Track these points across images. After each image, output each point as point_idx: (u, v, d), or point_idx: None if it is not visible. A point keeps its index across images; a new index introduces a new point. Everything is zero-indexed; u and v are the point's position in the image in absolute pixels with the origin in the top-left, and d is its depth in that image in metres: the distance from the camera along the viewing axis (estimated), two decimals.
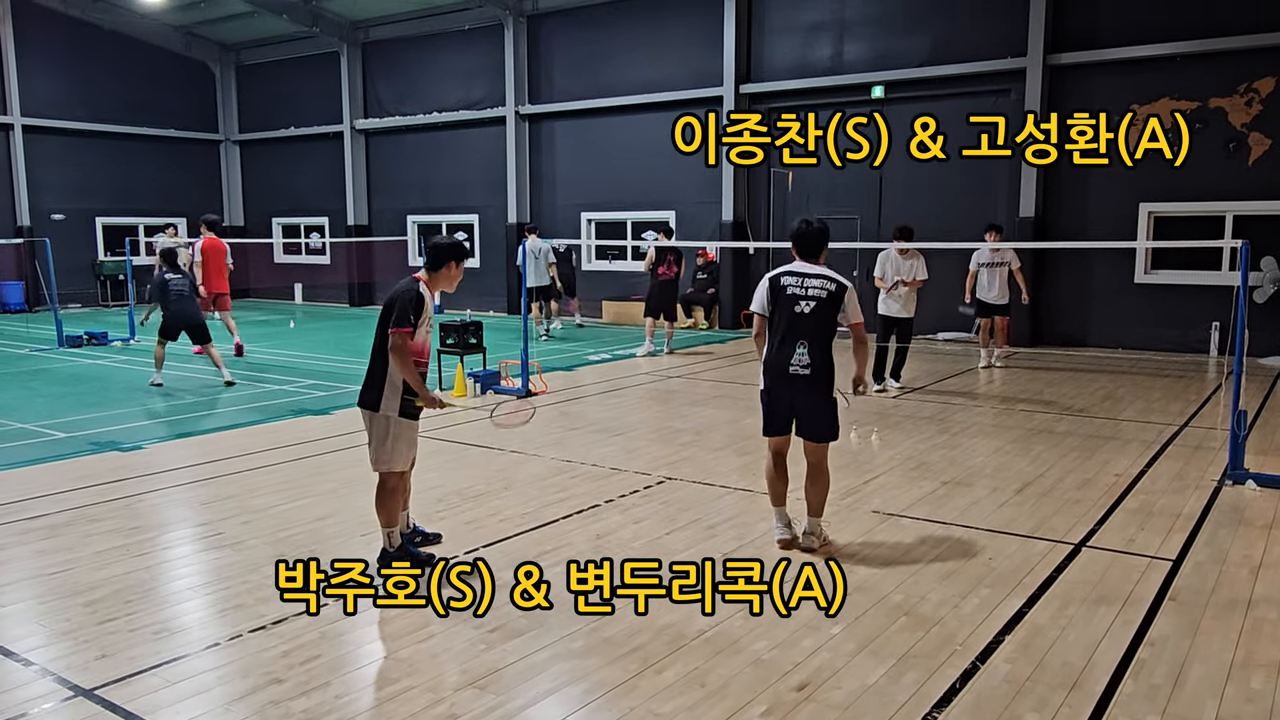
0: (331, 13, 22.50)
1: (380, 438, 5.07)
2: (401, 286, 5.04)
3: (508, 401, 5.77)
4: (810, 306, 5.36)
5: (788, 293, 5.43)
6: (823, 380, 5.38)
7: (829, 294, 5.37)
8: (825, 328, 5.38)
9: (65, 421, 9.27)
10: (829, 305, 5.36)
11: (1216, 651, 4.17)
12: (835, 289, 5.39)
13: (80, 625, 4.47)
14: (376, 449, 5.10)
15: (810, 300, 5.37)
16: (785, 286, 5.46)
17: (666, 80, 18.62)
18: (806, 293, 5.39)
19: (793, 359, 5.36)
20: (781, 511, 5.65)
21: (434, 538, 5.64)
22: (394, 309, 4.94)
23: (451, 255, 5.12)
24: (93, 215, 23.51)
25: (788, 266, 5.56)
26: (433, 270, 5.12)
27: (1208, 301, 13.82)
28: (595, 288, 20.03)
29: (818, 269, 5.49)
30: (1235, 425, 6.88)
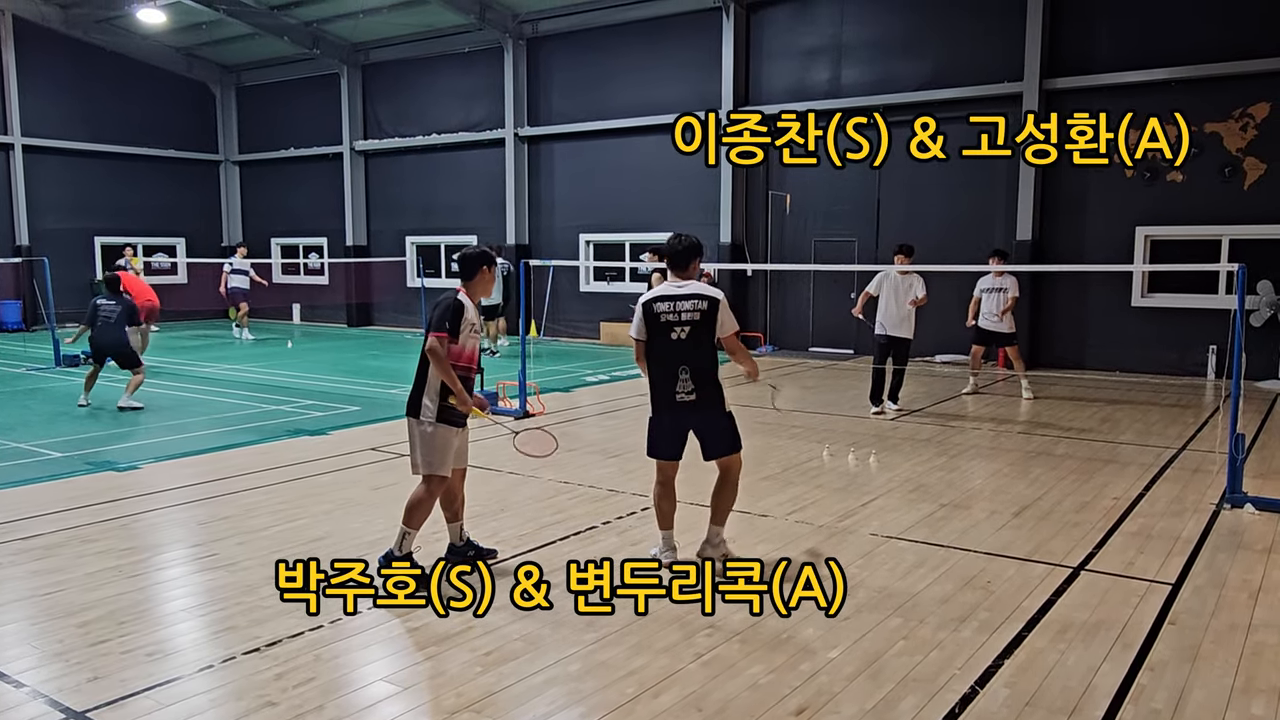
0: (332, 35, 22.66)
1: (420, 443, 5.22)
2: (442, 297, 5.29)
3: (533, 431, 5.72)
4: (685, 332, 5.29)
5: (661, 320, 5.33)
6: (713, 401, 5.36)
7: (702, 314, 5.30)
8: (704, 350, 5.32)
9: (61, 441, 9.24)
10: (704, 326, 5.29)
11: (1217, 677, 4.15)
12: (707, 307, 5.31)
13: (73, 647, 4.43)
14: (416, 454, 5.25)
15: (685, 325, 5.30)
16: (659, 314, 5.35)
17: (665, 103, 18.72)
18: (680, 318, 5.31)
19: (677, 387, 5.33)
20: (669, 535, 5.62)
21: (489, 553, 5.72)
22: (432, 315, 5.21)
23: (482, 262, 5.38)
24: (91, 235, 23.54)
25: (659, 290, 5.45)
26: (468, 280, 5.36)
27: (1205, 325, 13.85)
28: (593, 309, 20.06)
29: (690, 288, 5.38)
30: (1233, 448, 6.88)
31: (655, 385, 5.44)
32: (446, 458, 5.25)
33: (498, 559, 5.70)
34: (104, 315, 11.28)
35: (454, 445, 5.30)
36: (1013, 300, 12.01)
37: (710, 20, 17.89)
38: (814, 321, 17.75)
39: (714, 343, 5.36)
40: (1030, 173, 15.02)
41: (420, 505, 5.24)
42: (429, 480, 5.25)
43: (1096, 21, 14.66)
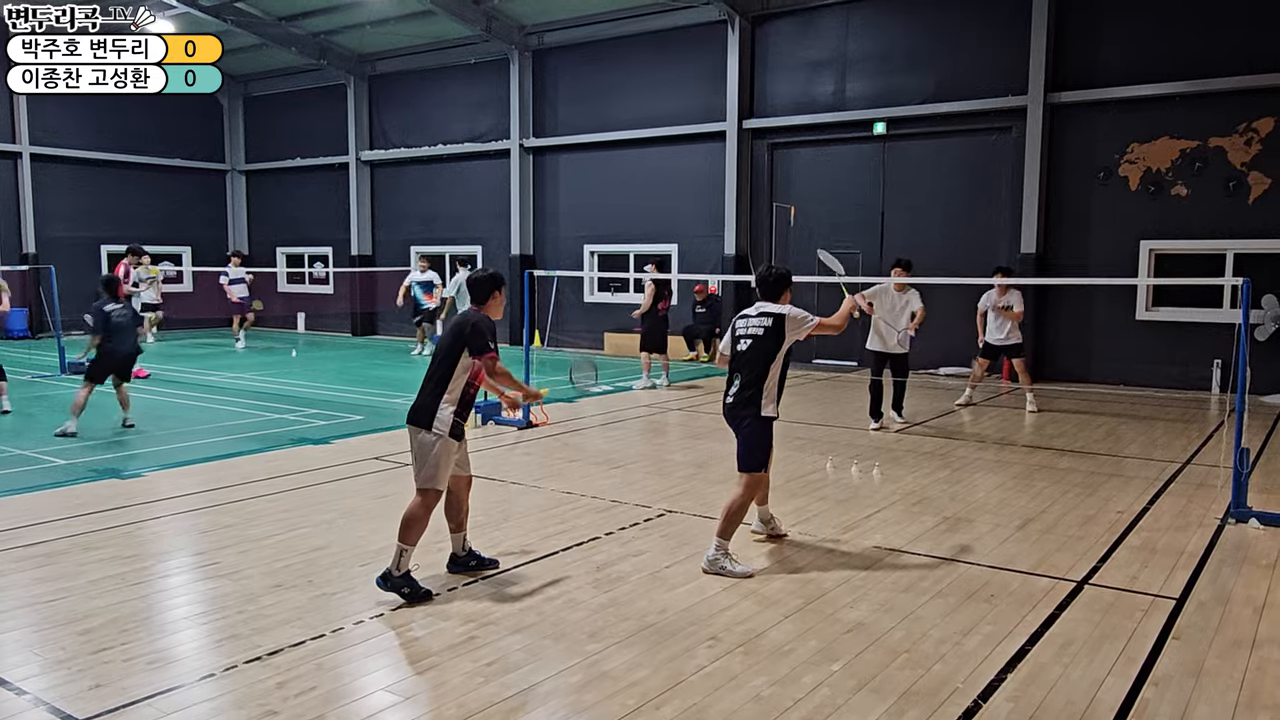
0: (339, 46, 22.78)
1: (427, 455, 5.22)
2: (470, 318, 5.32)
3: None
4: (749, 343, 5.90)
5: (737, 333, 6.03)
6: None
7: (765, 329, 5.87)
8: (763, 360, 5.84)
9: (65, 448, 9.25)
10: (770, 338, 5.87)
11: (1221, 692, 4.13)
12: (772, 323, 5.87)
13: (75, 654, 4.43)
14: (422, 466, 5.24)
15: (750, 337, 5.91)
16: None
17: (670, 115, 18.80)
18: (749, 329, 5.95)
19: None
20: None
21: (490, 564, 5.70)
22: (468, 336, 5.24)
23: (494, 285, 5.49)
24: (98, 243, 23.62)
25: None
26: (481, 304, 5.44)
27: (1209, 339, 13.84)
28: (597, 320, 20.08)
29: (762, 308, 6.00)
30: (1238, 463, 6.86)
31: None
32: (448, 471, 5.28)
33: (500, 570, 5.69)
34: (118, 320, 10.46)
35: (454, 458, 5.33)
36: (1019, 314, 12.00)
37: (715, 33, 17.96)
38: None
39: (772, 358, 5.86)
40: (1035, 186, 15.04)
41: (417, 520, 5.20)
42: (426, 494, 5.24)
43: (1101, 36, 14.70)
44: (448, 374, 5.26)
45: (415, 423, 5.27)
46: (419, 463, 5.25)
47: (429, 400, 5.25)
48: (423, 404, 5.26)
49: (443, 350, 5.34)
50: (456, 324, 5.36)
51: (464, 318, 5.37)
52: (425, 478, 5.23)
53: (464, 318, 5.37)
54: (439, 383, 5.27)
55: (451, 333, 5.35)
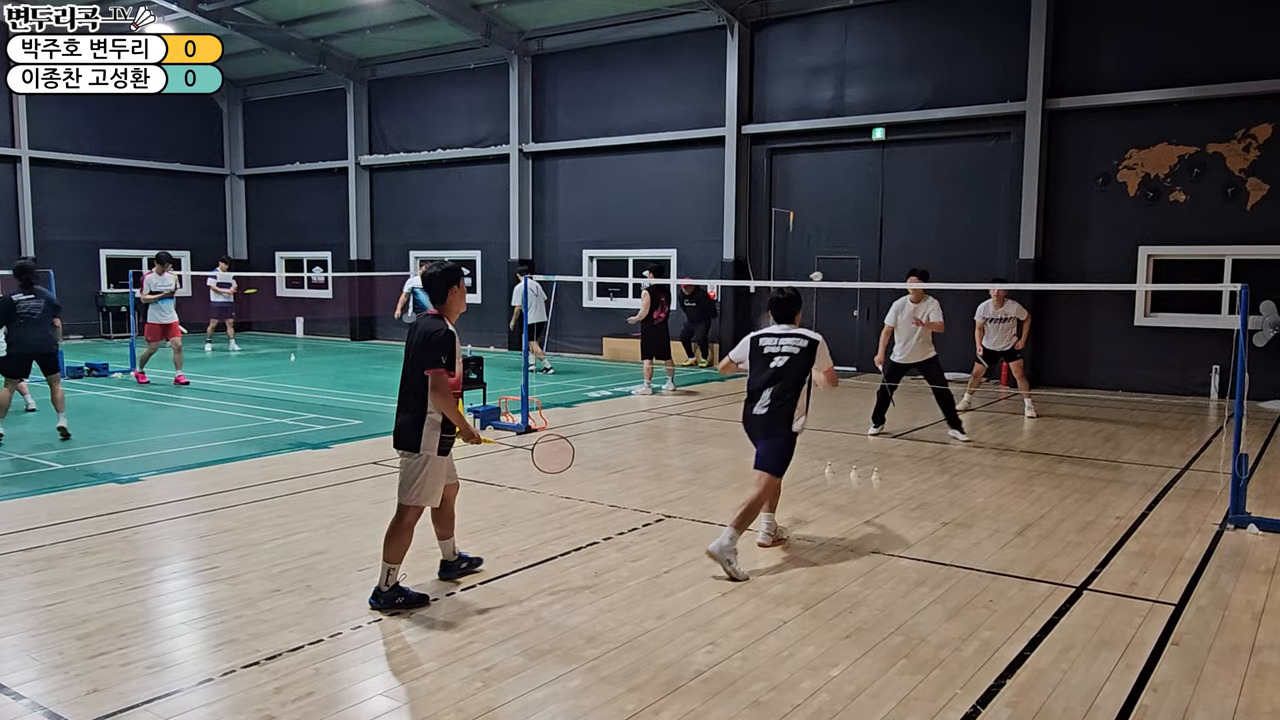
0: (339, 50, 22.80)
1: (415, 474, 5.13)
2: (428, 327, 5.07)
3: (547, 443, 5.76)
4: (784, 361, 6.20)
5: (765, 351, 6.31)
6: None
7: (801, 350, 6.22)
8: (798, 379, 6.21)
9: (63, 452, 9.24)
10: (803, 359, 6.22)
11: (1220, 698, 4.13)
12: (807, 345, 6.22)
13: (73, 659, 4.43)
14: (410, 485, 5.14)
15: (785, 355, 6.22)
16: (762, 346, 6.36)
17: (669, 120, 18.82)
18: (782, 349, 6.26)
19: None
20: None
21: (476, 562, 5.70)
22: (422, 351, 5.02)
23: (449, 281, 5.17)
24: (97, 248, 23.63)
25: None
26: (440, 303, 5.19)
27: (1208, 345, 13.85)
28: (596, 325, 20.09)
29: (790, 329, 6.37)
30: (1236, 469, 6.86)
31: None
32: (439, 487, 5.23)
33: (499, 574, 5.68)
34: (23, 311, 9.68)
35: (447, 471, 5.31)
36: (1027, 321, 12.06)
37: (714, 38, 17.99)
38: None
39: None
40: (1033, 191, 15.06)
41: (400, 538, 5.10)
42: (408, 511, 5.14)
43: (1099, 42, 14.73)
44: (419, 392, 5.08)
45: (400, 446, 5.18)
46: (407, 480, 5.15)
47: (410, 422, 5.11)
48: (405, 426, 5.13)
49: (409, 365, 5.15)
50: (418, 334, 5.12)
51: (424, 326, 5.12)
52: (414, 495, 5.14)
53: (424, 326, 5.12)
54: (414, 403, 5.10)
55: (414, 345, 5.10)
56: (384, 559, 5.08)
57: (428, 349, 5.01)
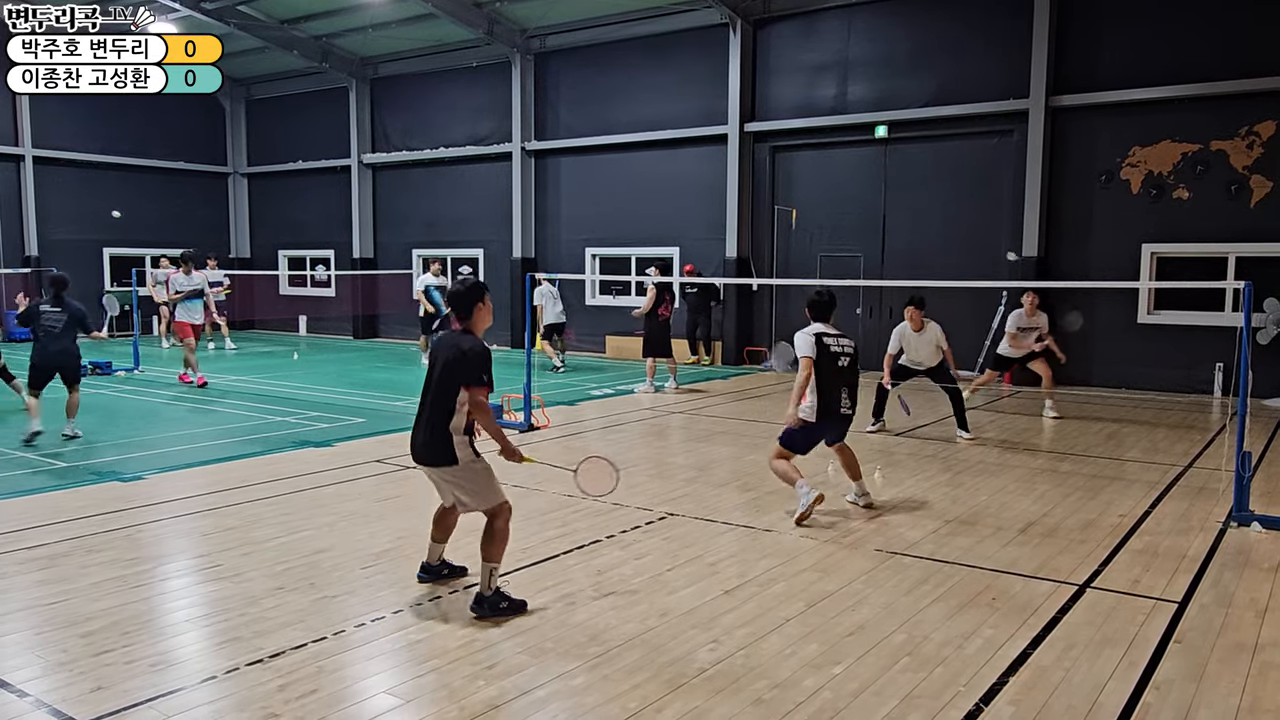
0: (341, 49, 22.81)
1: (476, 481, 5.00)
2: (463, 344, 4.92)
3: (591, 462, 5.50)
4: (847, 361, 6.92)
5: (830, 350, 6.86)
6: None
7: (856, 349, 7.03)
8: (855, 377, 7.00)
9: (67, 451, 9.26)
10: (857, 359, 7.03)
11: (1223, 696, 4.13)
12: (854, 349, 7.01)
13: (77, 657, 4.44)
14: (480, 491, 5.01)
15: (846, 355, 6.93)
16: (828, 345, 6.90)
17: (671, 118, 18.81)
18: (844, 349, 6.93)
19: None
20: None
21: (460, 571, 5.61)
22: (462, 367, 4.86)
23: (476, 297, 5.07)
24: (100, 246, 23.66)
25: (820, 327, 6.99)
26: (467, 319, 5.07)
27: (1211, 342, 13.83)
28: (599, 323, 20.09)
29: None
30: (1240, 467, 6.85)
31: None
32: (498, 482, 5.09)
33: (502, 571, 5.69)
34: (49, 324, 9.89)
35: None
36: (1051, 339, 11.83)
37: (717, 36, 17.97)
38: None
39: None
40: (1036, 189, 15.04)
41: (500, 536, 4.95)
42: (499, 510, 5.00)
43: (1102, 39, 14.70)
44: (450, 407, 4.90)
45: (435, 464, 4.97)
46: (473, 489, 5.00)
47: (440, 438, 4.91)
48: (435, 443, 4.93)
49: (437, 380, 4.96)
50: (449, 349, 4.95)
51: (456, 342, 4.96)
52: (486, 499, 5.00)
53: (456, 342, 4.96)
54: (443, 418, 4.91)
55: (445, 360, 4.94)
56: (484, 559, 4.92)
57: (469, 365, 4.85)
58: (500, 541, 4.96)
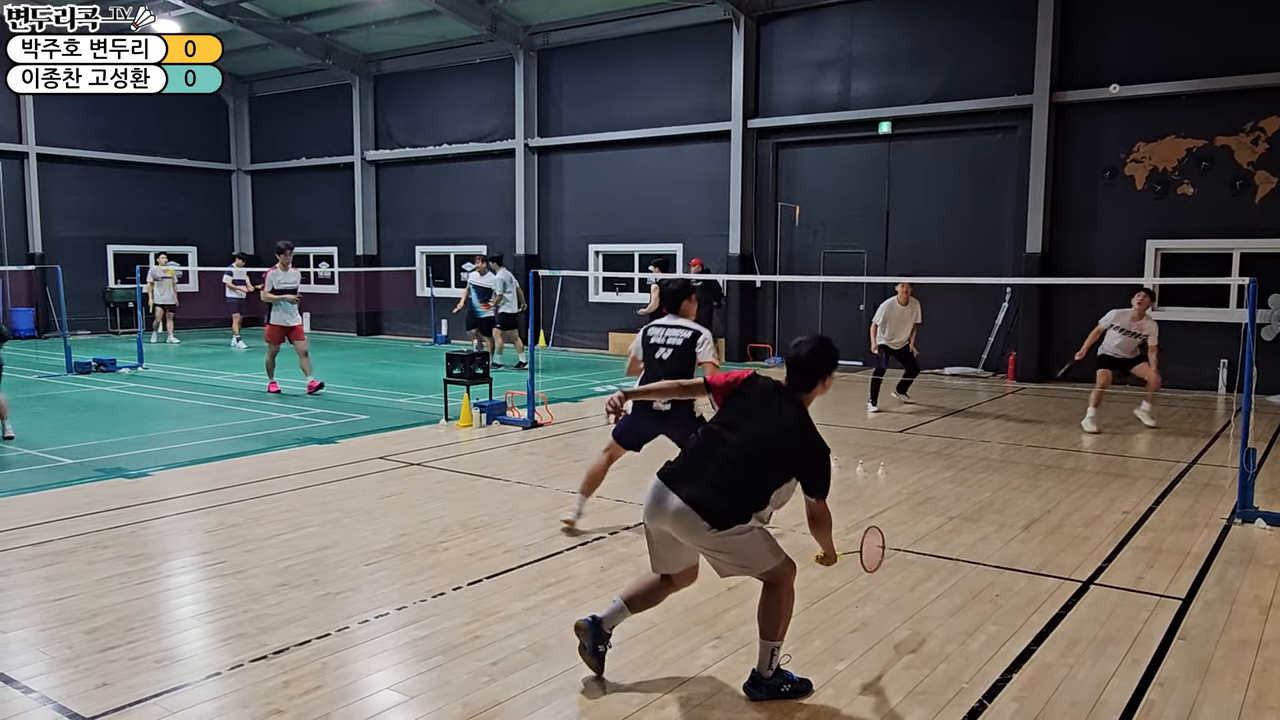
0: (344, 46, 22.81)
1: (749, 548, 3.96)
2: (809, 429, 4.01)
3: (870, 546, 4.44)
4: (668, 353, 6.33)
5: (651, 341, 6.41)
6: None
7: (684, 340, 6.31)
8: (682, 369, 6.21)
9: (72, 447, 9.28)
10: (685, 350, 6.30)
11: (1227, 692, 4.12)
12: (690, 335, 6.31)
13: (81, 653, 4.45)
14: (754, 558, 3.98)
15: (668, 347, 6.34)
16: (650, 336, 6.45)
17: (675, 114, 18.80)
18: (667, 340, 6.36)
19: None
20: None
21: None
22: (810, 466, 3.99)
23: (831, 365, 4.17)
24: (104, 243, 23.69)
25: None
26: (809, 391, 4.15)
27: (1215, 339, 13.80)
28: (602, 320, 20.09)
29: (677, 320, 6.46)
30: (1244, 463, 6.84)
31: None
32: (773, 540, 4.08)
33: (507, 569, 5.69)
34: None
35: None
36: (1155, 350, 10.77)
37: (720, 32, 17.95)
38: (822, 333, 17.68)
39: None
40: (1040, 185, 15.01)
41: (784, 609, 4.01)
42: (782, 574, 4.01)
43: (1106, 35, 14.66)
44: (767, 492, 3.93)
45: (715, 524, 3.85)
46: (744, 561, 3.97)
47: (736, 508, 3.87)
48: (725, 511, 3.85)
49: (755, 451, 3.93)
50: (799, 437, 3.97)
51: (808, 435, 3.98)
52: (765, 563, 3.98)
53: (808, 435, 3.98)
54: (751, 496, 3.91)
55: (789, 444, 3.96)
56: (763, 637, 4.03)
57: (820, 470, 3.98)
58: (784, 612, 4.02)
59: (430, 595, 5.25)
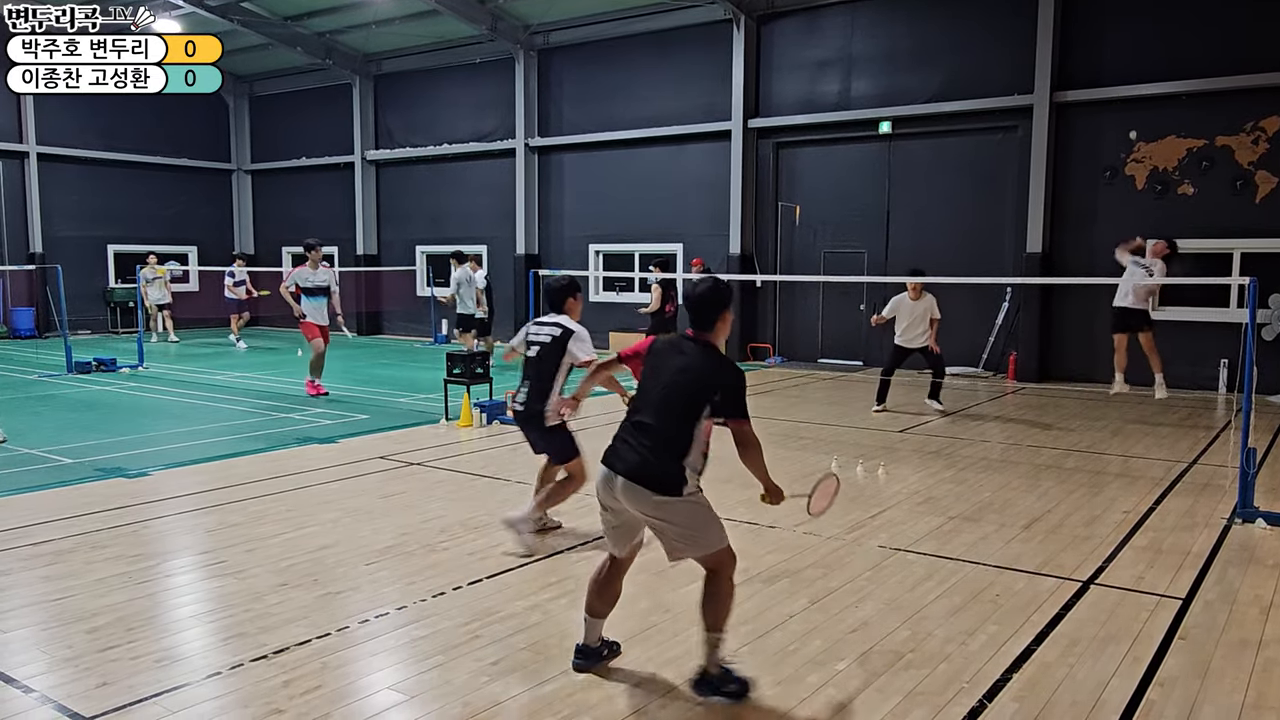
0: (344, 45, 22.81)
1: (693, 520, 4.02)
2: (723, 364, 4.08)
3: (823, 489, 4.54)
4: (535, 350, 6.16)
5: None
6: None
7: (554, 339, 6.09)
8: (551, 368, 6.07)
9: (72, 447, 9.28)
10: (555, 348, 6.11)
11: (1227, 692, 4.12)
12: (560, 334, 6.07)
13: (82, 652, 4.45)
14: (701, 532, 4.02)
15: (536, 344, 6.17)
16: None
17: (675, 114, 18.80)
18: (538, 337, 6.19)
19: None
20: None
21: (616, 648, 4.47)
22: (723, 394, 4.00)
23: (725, 304, 4.20)
24: (104, 243, 23.70)
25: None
26: (709, 330, 4.16)
27: (1216, 338, 13.80)
28: (602, 319, 20.08)
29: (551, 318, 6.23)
30: (1244, 463, 6.84)
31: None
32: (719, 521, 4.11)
33: (505, 569, 5.69)
34: None
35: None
36: (1156, 286, 11.03)
37: (721, 32, 17.94)
38: (823, 333, 17.74)
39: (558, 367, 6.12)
40: (1040, 185, 15.01)
41: (727, 598, 4.06)
42: (722, 557, 4.07)
43: (1107, 35, 14.66)
44: (687, 434, 3.96)
45: (656, 489, 3.92)
46: (690, 531, 4.00)
47: (666, 463, 3.93)
48: (660, 469, 3.93)
49: (666, 396, 4.04)
50: (700, 367, 4.04)
51: (711, 361, 4.06)
52: (710, 542, 4.02)
53: (711, 361, 4.06)
54: (674, 443, 3.96)
55: (692, 378, 4.02)
56: (707, 629, 4.02)
57: (735, 393, 4.01)
58: (728, 602, 4.06)
59: (430, 595, 5.25)
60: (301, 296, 13.14)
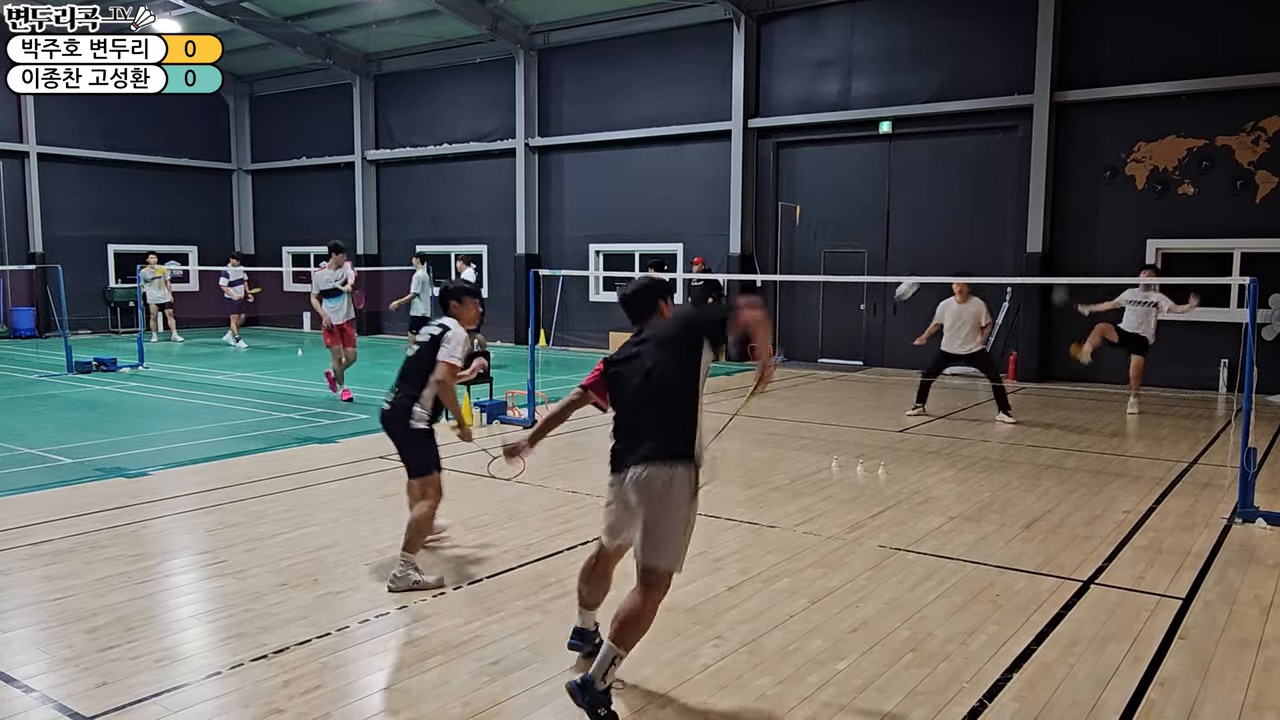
0: (345, 45, 22.81)
1: (675, 516, 3.83)
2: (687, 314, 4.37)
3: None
4: (413, 350, 5.76)
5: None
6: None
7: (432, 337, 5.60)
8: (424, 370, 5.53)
9: (72, 447, 9.28)
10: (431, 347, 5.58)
11: (1227, 692, 4.12)
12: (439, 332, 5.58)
13: (81, 652, 4.45)
14: (672, 532, 3.82)
15: (416, 344, 5.76)
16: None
17: (675, 114, 18.80)
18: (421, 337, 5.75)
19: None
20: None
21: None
22: (719, 315, 4.18)
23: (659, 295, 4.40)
24: (104, 243, 23.70)
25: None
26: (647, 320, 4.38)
27: (1216, 338, 13.79)
28: (602, 319, 20.09)
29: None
30: (1245, 463, 6.84)
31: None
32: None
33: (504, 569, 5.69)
34: None
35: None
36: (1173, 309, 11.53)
37: (721, 32, 17.94)
38: (823, 332, 17.74)
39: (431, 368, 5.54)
40: (1040, 185, 15.01)
41: (650, 618, 3.83)
42: (665, 579, 3.85)
43: (1107, 34, 14.66)
44: (689, 397, 3.97)
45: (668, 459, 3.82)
46: (661, 528, 3.78)
47: (678, 433, 3.95)
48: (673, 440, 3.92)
49: (656, 384, 3.99)
50: (672, 328, 4.15)
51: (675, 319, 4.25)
52: (673, 555, 3.81)
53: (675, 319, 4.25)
54: (679, 411, 3.98)
55: (659, 351, 4.05)
56: (614, 642, 3.76)
57: (723, 308, 4.14)
58: (646, 624, 3.84)
59: (430, 595, 5.25)
60: (324, 300, 12.83)
